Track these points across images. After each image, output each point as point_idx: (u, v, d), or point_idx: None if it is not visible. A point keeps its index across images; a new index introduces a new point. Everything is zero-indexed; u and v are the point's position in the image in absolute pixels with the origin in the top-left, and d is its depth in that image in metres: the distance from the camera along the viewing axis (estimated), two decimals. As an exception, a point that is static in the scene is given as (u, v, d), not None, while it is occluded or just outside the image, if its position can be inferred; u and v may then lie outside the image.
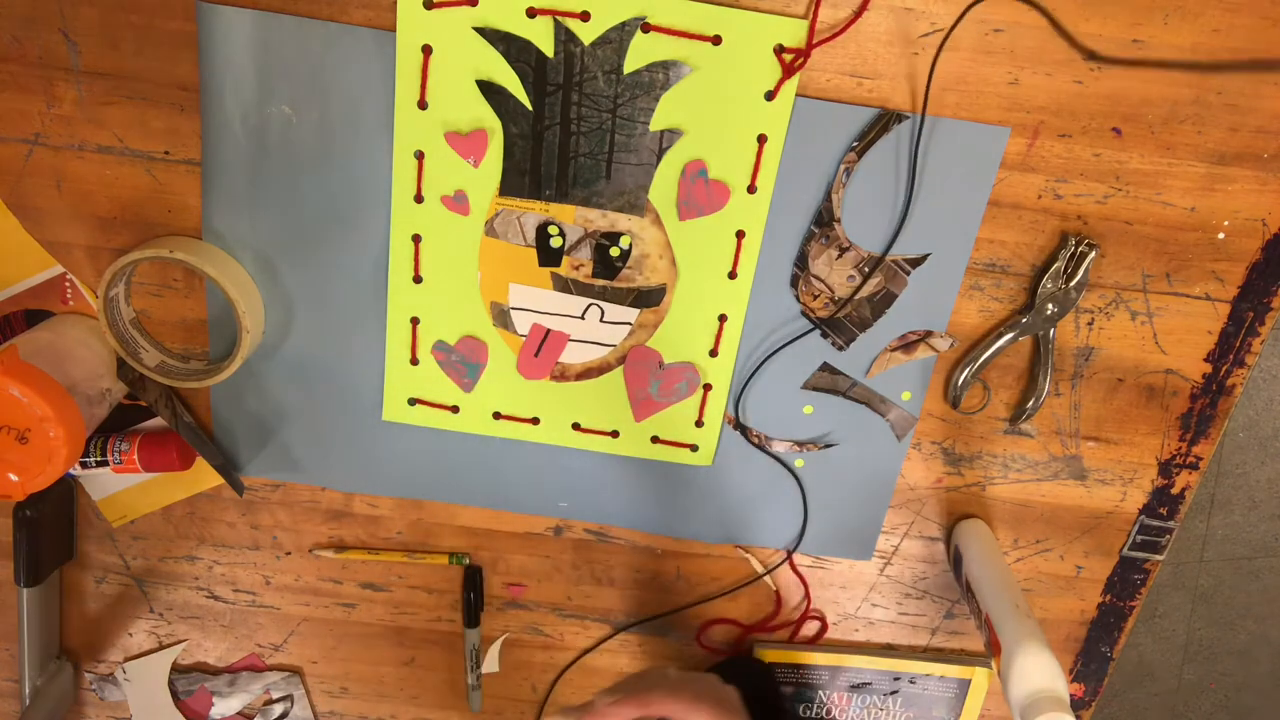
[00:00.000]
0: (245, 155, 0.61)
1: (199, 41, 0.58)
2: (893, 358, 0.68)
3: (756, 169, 0.61)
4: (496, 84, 0.59)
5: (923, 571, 0.76)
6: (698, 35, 0.58)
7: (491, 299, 0.66)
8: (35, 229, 0.65)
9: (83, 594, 0.79)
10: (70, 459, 0.60)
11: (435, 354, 0.68)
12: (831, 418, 0.70)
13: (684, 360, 0.68)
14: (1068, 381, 0.68)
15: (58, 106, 0.61)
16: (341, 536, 0.76)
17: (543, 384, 0.69)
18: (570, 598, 0.78)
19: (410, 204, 0.63)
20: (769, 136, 0.60)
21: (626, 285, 0.65)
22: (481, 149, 0.61)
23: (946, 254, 0.64)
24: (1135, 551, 0.75)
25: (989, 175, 0.61)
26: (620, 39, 0.58)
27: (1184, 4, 0.56)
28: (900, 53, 0.58)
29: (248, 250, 0.65)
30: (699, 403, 0.69)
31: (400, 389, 0.69)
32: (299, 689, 0.83)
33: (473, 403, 0.70)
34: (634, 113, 0.60)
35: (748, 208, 0.63)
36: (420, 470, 0.72)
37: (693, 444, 0.71)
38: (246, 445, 0.72)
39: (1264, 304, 0.65)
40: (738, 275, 0.65)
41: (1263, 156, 0.61)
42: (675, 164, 0.61)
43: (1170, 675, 2.14)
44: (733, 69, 0.59)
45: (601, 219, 0.63)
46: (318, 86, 0.59)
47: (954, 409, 0.68)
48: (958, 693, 0.80)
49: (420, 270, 0.65)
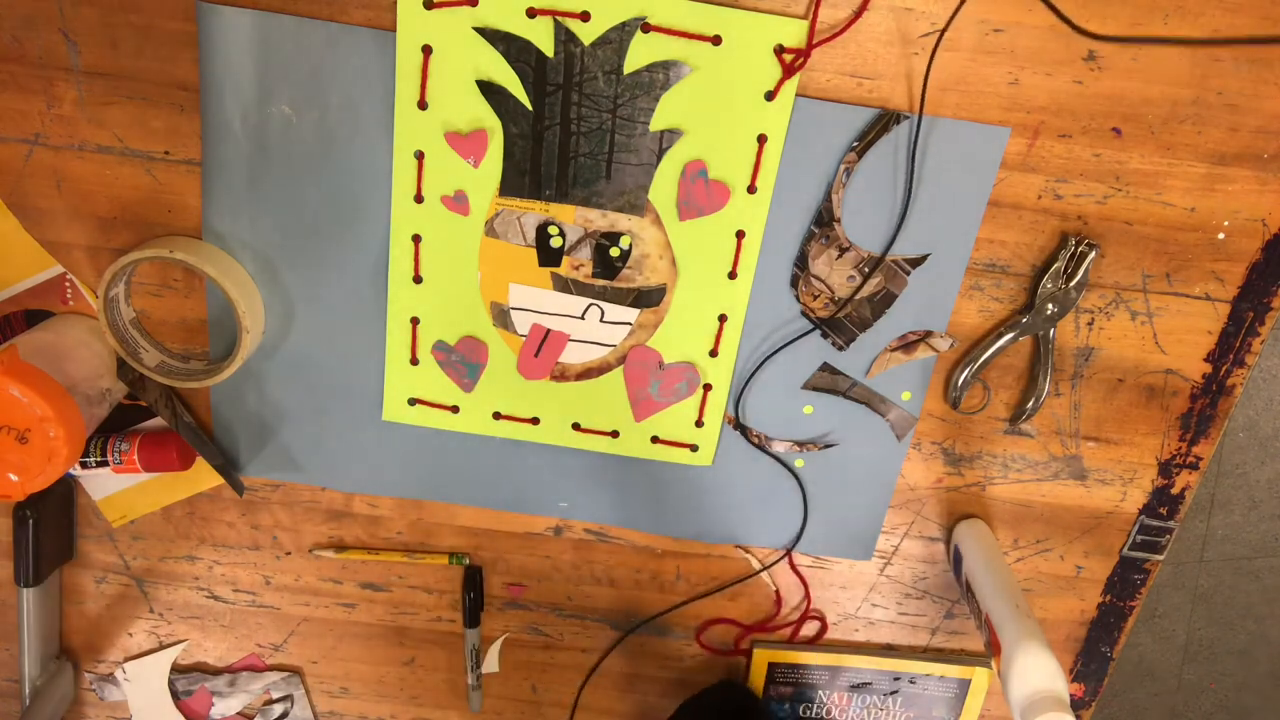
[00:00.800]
0: (245, 155, 0.61)
1: (199, 41, 0.58)
2: (893, 358, 0.68)
3: (756, 169, 0.61)
4: (496, 84, 0.59)
5: (923, 571, 0.76)
6: (698, 35, 0.58)
7: (492, 299, 0.66)
8: (35, 229, 0.65)
9: (83, 594, 0.79)
10: (70, 459, 0.60)
11: (435, 354, 0.68)
12: (831, 418, 0.70)
13: (684, 360, 0.68)
14: (1068, 381, 0.68)
15: (58, 106, 0.61)
16: (341, 536, 0.76)
17: (543, 384, 0.69)
18: (570, 598, 0.78)
19: (410, 204, 0.63)
20: (769, 136, 0.60)
21: (626, 285, 0.65)
22: (481, 149, 0.61)
23: (946, 254, 0.64)
24: (1135, 551, 0.75)
25: (989, 175, 0.61)
26: (620, 39, 0.58)
27: (1184, 4, 0.56)
28: (900, 53, 0.58)
29: (248, 250, 0.65)
30: (699, 403, 0.69)
31: (400, 389, 0.69)
32: (299, 689, 0.83)
33: (473, 403, 0.70)
34: (634, 113, 0.60)
35: (748, 208, 0.63)
36: (420, 470, 0.72)
37: (693, 444, 0.71)
38: (246, 445, 0.72)
39: (1264, 304, 0.65)
40: (738, 275, 0.65)
41: (1263, 156, 0.60)
42: (675, 164, 0.61)
43: (1170, 675, 2.14)
44: (733, 69, 0.59)
45: (601, 219, 0.63)
46: (318, 86, 0.59)
47: (954, 409, 0.68)
48: (958, 693, 0.80)
49: (420, 270, 0.65)
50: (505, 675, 0.82)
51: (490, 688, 0.83)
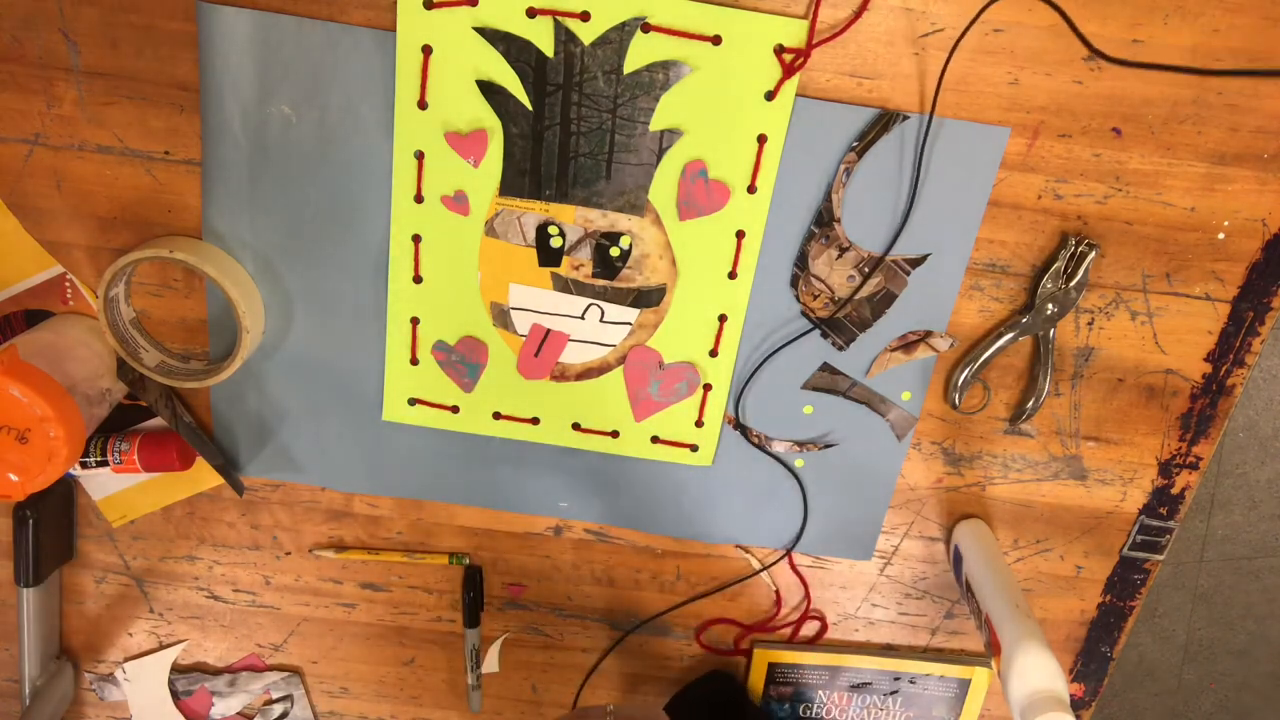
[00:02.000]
0: (245, 155, 0.61)
1: (199, 41, 0.58)
2: (893, 358, 0.68)
3: (756, 169, 0.61)
4: (496, 84, 0.59)
5: (923, 571, 0.76)
6: (698, 35, 0.58)
7: (492, 299, 0.66)
8: (35, 229, 0.65)
9: (83, 594, 0.79)
10: (70, 459, 0.60)
11: (435, 354, 0.68)
12: (831, 418, 0.70)
13: (684, 360, 0.68)
14: (1068, 381, 0.68)
15: (58, 106, 0.61)
16: (341, 536, 0.76)
17: (543, 384, 0.69)
18: (570, 598, 0.78)
19: (410, 204, 0.63)
20: (769, 136, 0.60)
21: (626, 285, 0.65)
22: (481, 149, 0.61)
23: (946, 254, 0.64)
24: (1135, 551, 0.75)
25: (989, 176, 0.61)
26: (620, 39, 0.58)
27: (1184, 4, 0.56)
28: (901, 52, 0.58)
29: (248, 250, 0.65)
30: (699, 402, 0.69)
31: (400, 389, 0.69)
32: (299, 689, 0.83)
33: (473, 403, 0.70)
34: (634, 113, 0.60)
35: (748, 208, 0.63)
36: (420, 470, 0.72)
37: (693, 444, 0.71)
38: (246, 445, 0.72)
39: (1264, 304, 0.65)
40: (738, 275, 0.65)
41: (1263, 156, 0.60)
42: (675, 164, 0.61)
43: (1170, 675, 2.14)
44: (733, 69, 0.59)
45: (602, 219, 0.63)
46: (318, 87, 0.59)
47: (954, 409, 0.68)
48: (958, 693, 0.80)
49: (420, 270, 0.65)
50: (505, 675, 0.82)
51: (490, 688, 0.83)
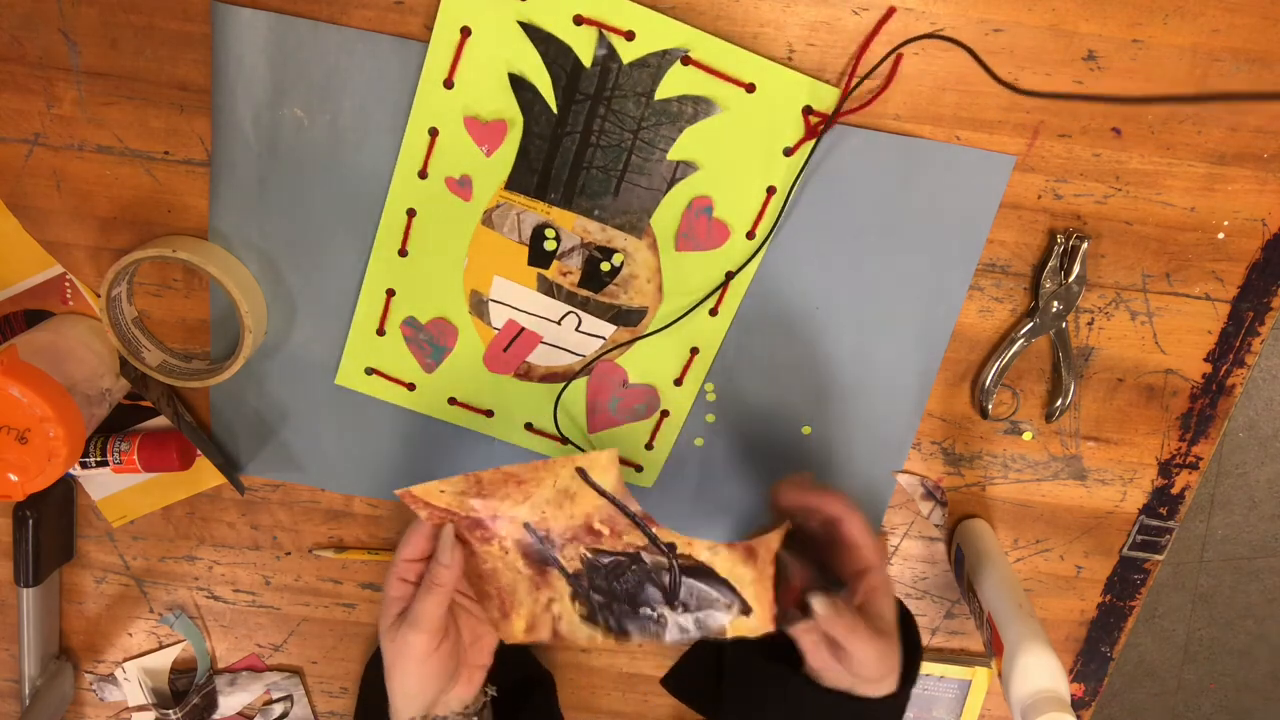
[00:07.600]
0: (255, 156, 0.61)
1: (212, 41, 0.58)
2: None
3: (759, 217, 0.62)
4: (528, 80, 0.59)
5: (923, 571, 0.76)
6: (734, 79, 0.58)
7: (473, 287, 0.66)
8: (35, 229, 0.65)
9: (83, 594, 0.79)
10: (70, 459, 0.60)
11: (404, 329, 0.67)
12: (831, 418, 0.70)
13: (648, 383, 0.68)
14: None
15: (58, 106, 0.61)
16: (341, 536, 0.76)
17: (505, 379, 0.69)
18: (570, 598, 0.78)
19: (413, 178, 0.62)
20: (777, 189, 0.61)
21: (609, 301, 0.65)
22: (498, 139, 0.61)
23: (946, 279, 0.64)
24: (1135, 551, 0.75)
25: (992, 204, 0.62)
26: (659, 65, 0.58)
27: (1184, 4, 0.56)
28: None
29: (252, 250, 0.64)
30: (653, 426, 0.69)
31: (359, 356, 0.68)
32: (299, 689, 0.83)
33: (431, 384, 0.69)
34: (655, 138, 0.60)
35: (743, 252, 0.63)
36: (420, 471, 0.72)
37: (638, 464, 0.71)
38: (246, 445, 0.72)
39: (1264, 304, 0.65)
40: (719, 313, 0.65)
41: (1263, 156, 0.61)
42: (683, 196, 0.61)
43: (1170, 675, 2.14)
44: (759, 119, 0.59)
45: (600, 232, 0.63)
46: (331, 90, 0.59)
47: (984, 418, 0.68)
48: (958, 693, 0.80)
49: (408, 244, 0.64)
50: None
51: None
